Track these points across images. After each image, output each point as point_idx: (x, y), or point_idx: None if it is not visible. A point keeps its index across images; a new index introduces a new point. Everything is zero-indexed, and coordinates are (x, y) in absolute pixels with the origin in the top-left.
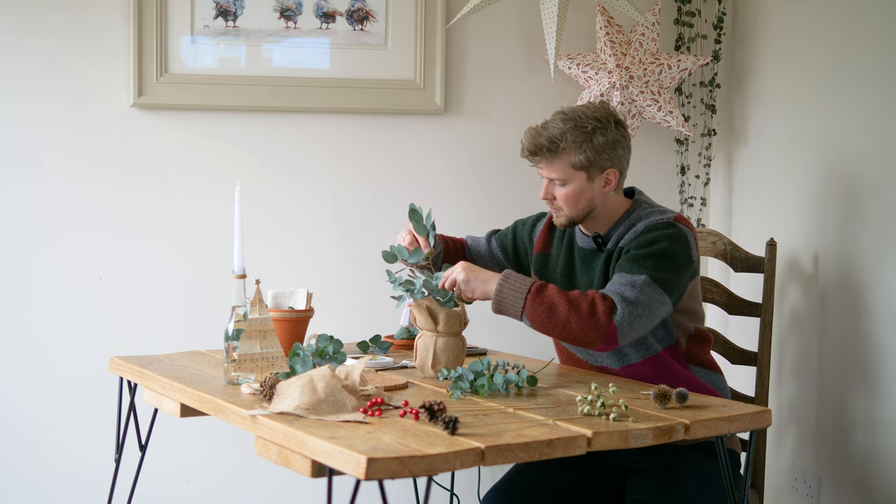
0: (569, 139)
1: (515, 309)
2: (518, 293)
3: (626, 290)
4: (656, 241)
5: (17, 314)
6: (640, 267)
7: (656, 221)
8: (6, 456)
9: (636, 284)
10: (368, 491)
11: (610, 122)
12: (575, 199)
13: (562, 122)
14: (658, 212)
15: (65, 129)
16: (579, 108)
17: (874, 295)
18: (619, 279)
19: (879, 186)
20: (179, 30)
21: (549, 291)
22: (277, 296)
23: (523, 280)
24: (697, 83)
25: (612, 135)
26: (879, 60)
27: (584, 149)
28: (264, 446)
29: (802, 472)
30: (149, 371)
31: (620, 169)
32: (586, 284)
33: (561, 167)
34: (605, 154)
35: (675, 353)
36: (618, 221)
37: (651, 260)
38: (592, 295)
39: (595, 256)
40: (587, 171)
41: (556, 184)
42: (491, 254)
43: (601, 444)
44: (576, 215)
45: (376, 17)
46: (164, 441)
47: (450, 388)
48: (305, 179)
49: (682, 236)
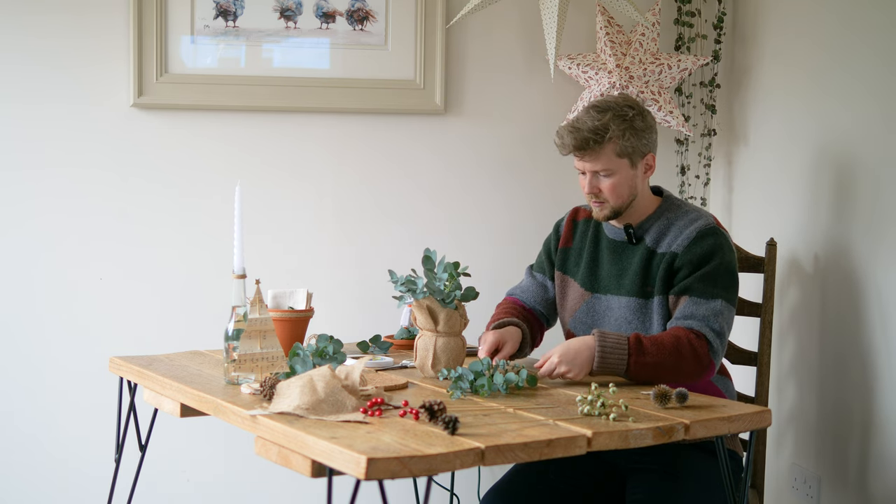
0: (612, 128)
1: (619, 372)
2: (620, 360)
3: (713, 323)
4: (714, 255)
5: (18, 314)
6: (714, 289)
7: (704, 227)
8: (7, 456)
9: (718, 312)
10: (368, 491)
11: (641, 108)
12: (621, 188)
13: (599, 113)
14: (696, 213)
15: (65, 130)
16: (610, 98)
17: (874, 295)
18: (698, 308)
19: (879, 186)
20: (179, 30)
21: (647, 349)
22: (277, 296)
23: (618, 345)
24: (697, 83)
25: (648, 120)
26: (880, 59)
27: (627, 136)
28: (264, 446)
29: (802, 472)
30: (149, 371)
31: (655, 153)
32: (613, 276)
33: (607, 157)
34: (644, 139)
35: None
36: (650, 216)
37: (721, 279)
38: (687, 337)
39: (626, 249)
40: (630, 158)
41: (602, 175)
42: (543, 287)
43: (601, 444)
44: (621, 205)
45: (376, 17)
46: (164, 441)
47: (450, 388)
48: (305, 179)
49: (729, 242)
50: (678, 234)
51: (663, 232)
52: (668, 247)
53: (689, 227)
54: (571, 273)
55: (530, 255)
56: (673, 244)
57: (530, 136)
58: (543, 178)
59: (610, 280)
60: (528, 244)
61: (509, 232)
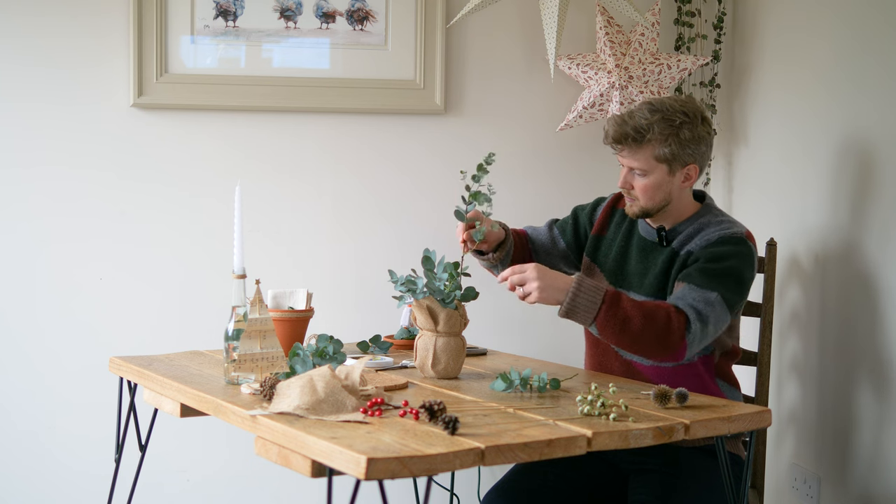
0: (655, 130)
1: (587, 317)
2: (592, 303)
3: (700, 307)
4: (728, 258)
5: (18, 314)
6: (714, 283)
7: (730, 234)
8: (7, 455)
9: (710, 302)
10: (368, 491)
11: (697, 117)
12: (653, 191)
13: (649, 112)
14: (728, 223)
15: (65, 130)
16: (668, 100)
17: (874, 295)
18: (692, 292)
19: (879, 186)
20: (179, 30)
21: (624, 302)
22: (277, 296)
23: (597, 288)
24: (697, 83)
25: (699, 131)
26: (880, 59)
27: (669, 142)
28: (264, 446)
29: (802, 472)
30: (149, 371)
31: (701, 166)
32: (638, 274)
33: (644, 158)
34: (689, 149)
35: (707, 363)
36: (685, 221)
37: (725, 278)
38: (667, 309)
39: (655, 250)
40: (669, 165)
41: (637, 173)
42: (553, 242)
43: (601, 444)
44: (651, 207)
45: (376, 17)
46: (164, 441)
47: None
48: (305, 179)
49: (750, 255)
50: (703, 239)
51: (691, 236)
52: (689, 248)
53: (715, 232)
54: (600, 263)
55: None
56: (694, 246)
57: (530, 135)
58: (543, 178)
59: (634, 277)
60: None
61: None
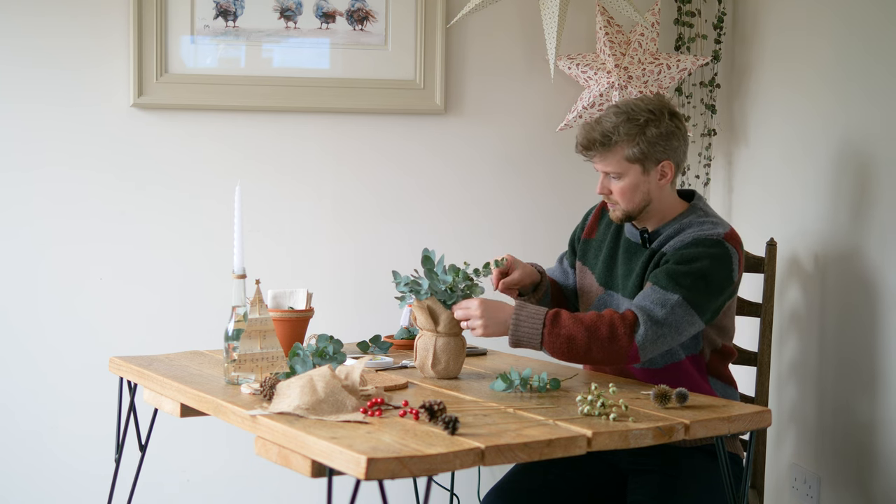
0: (621, 132)
1: (534, 343)
2: (534, 329)
3: (655, 309)
4: (698, 259)
5: (19, 314)
6: (676, 285)
7: (705, 236)
8: (8, 455)
9: (667, 304)
10: (368, 491)
11: (664, 113)
12: (631, 193)
13: (614, 115)
14: (710, 224)
15: (65, 130)
16: (632, 101)
17: (874, 295)
18: (653, 294)
19: (880, 186)
20: (179, 30)
21: (564, 321)
22: (277, 296)
23: (536, 313)
24: (697, 83)
25: (666, 126)
26: (880, 59)
27: (637, 141)
28: (264, 446)
29: (802, 472)
30: (149, 371)
31: (677, 161)
32: (624, 276)
33: (615, 161)
34: (659, 146)
35: (697, 362)
36: (670, 222)
37: (688, 279)
38: (610, 316)
39: (638, 251)
40: (642, 164)
41: (612, 177)
42: (563, 272)
43: (601, 444)
44: (632, 209)
45: (376, 17)
46: (164, 441)
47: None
48: (305, 179)
49: (726, 257)
50: (678, 240)
51: (671, 237)
52: (664, 249)
53: (691, 234)
54: (590, 265)
55: (530, 254)
56: (670, 247)
57: (530, 135)
58: (544, 178)
59: (620, 280)
60: (528, 244)
61: (510, 232)
